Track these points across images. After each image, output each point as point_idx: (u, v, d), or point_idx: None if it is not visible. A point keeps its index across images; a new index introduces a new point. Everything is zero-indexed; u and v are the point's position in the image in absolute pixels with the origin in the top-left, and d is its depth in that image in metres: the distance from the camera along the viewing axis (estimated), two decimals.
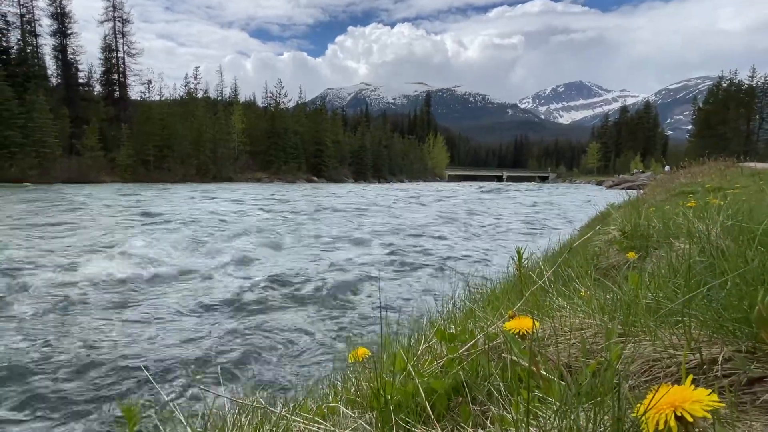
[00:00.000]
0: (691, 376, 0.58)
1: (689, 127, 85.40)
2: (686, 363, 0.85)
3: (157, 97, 61.38)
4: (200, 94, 66.74)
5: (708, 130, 70.80)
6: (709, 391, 0.54)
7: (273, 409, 1.21)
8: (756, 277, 1.01)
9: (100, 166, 46.53)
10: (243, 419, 1.19)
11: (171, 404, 1.28)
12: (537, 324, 0.91)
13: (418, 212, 18.58)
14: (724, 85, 74.58)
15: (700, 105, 78.25)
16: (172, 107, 57.02)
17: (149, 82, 61.20)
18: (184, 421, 1.12)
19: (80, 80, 56.09)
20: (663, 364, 0.86)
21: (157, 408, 2.31)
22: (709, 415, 0.51)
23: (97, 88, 58.88)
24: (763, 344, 0.84)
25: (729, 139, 66.21)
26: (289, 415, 1.18)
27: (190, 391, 2.74)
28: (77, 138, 47.25)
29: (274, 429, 1.14)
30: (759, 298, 0.81)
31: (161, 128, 51.98)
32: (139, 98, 60.84)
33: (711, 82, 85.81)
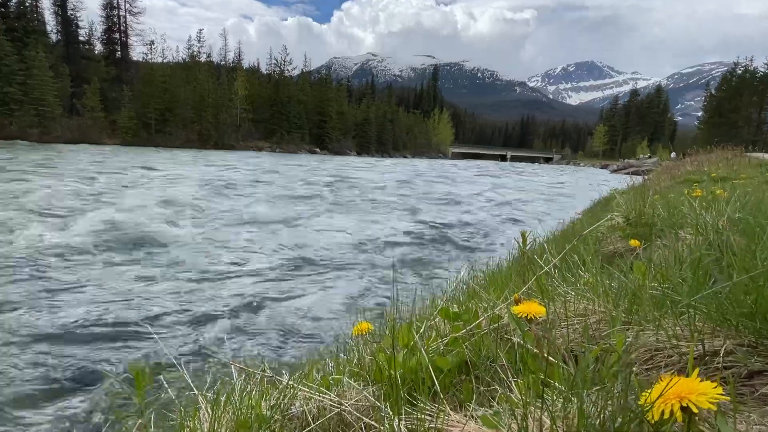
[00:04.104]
0: (697, 369, 0.59)
1: (699, 114, 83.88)
2: (688, 353, 0.87)
3: (160, 59, 60.10)
4: (203, 58, 65.30)
5: (719, 117, 69.60)
6: (715, 384, 0.56)
7: (279, 378, 1.25)
8: (763, 273, 1.02)
9: (101, 128, 46.06)
10: (251, 387, 1.22)
11: (180, 369, 1.32)
12: (543, 309, 0.92)
13: None
14: (739, 71, 72.76)
15: (713, 91, 76.58)
16: (174, 70, 55.88)
17: (152, 42, 59.80)
18: (193, 387, 1.16)
19: (80, 38, 54.79)
20: (665, 354, 0.88)
21: (165, 372, 2.39)
22: (714, 407, 0.53)
23: (98, 46, 57.63)
24: (765, 339, 0.86)
25: (740, 127, 65.19)
26: (295, 384, 1.22)
27: (199, 358, 2.83)
28: (78, 97, 46.57)
29: (280, 397, 1.18)
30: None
31: (163, 91, 51.14)
32: (140, 59, 59.57)
33: (725, 68, 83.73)
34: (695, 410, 0.53)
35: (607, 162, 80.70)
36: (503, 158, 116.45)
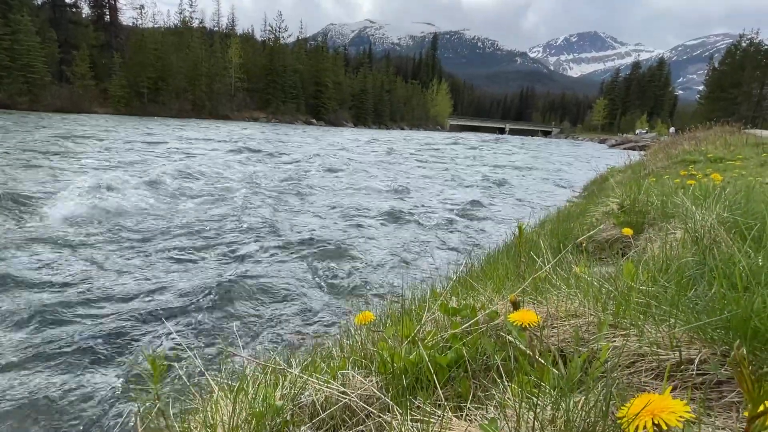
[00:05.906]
0: (670, 388, 0.68)
1: (701, 88, 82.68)
2: (667, 360, 0.96)
3: (150, 24, 58.14)
4: (195, 23, 63.16)
5: (720, 92, 68.72)
6: (684, 402, 0.64)
7: (290, 370, 1.34)
8: (740, 282, 1.10)
9: (92, 96, 45.01)
10: (263, 377, 1.31)
11: (194, 359, 1.41)
12: (537, 318, 1.00)
13: None
14: (744, 44, 71.25)
15: (716, 65, 75.24)
16: (166, 36, 54.12)
17: (141, 7, 57.66)
18: (210, 379, 1.25)
19: (67, 0, 52.61)
20: (647, 360, 0.97)
21: (180, 362, 2.49)
22: (681, 426, 0.61)
23: (86, 10, 55.44)
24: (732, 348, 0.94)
25: (739, 103, 64.55)
26: (304, 375, 1.31)
27: (213, 348, 2.93)
28: (66, 64, 45.22)
29: (292, 387, 1.28)
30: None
31: (155, 59, 49.70)
32: (131, 24, 57.58)
33: (731, 41, 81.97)
34: (665, 427, 0.62)
35: (606, 136, 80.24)
36: (501, 131, 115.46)
